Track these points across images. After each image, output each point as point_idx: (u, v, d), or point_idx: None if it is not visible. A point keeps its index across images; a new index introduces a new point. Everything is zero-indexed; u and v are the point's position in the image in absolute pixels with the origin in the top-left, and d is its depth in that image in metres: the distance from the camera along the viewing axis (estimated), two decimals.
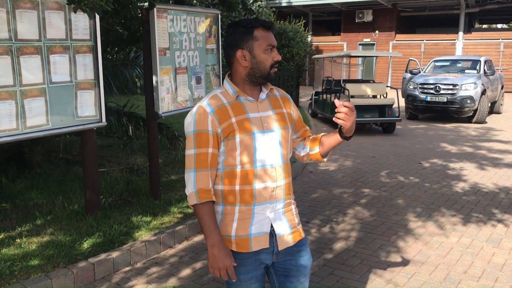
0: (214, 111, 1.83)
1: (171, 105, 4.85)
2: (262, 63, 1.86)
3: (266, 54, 1.86)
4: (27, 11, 3.59)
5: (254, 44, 1.84)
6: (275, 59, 1.87)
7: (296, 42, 21.91)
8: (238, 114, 1.85)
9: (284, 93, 2.08)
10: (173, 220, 4.41)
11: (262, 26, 1.86)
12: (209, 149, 1.83)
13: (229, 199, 1.88)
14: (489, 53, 20.62)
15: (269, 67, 1.87)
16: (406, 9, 24.08)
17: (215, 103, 1.85)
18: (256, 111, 1.89)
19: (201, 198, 1.82)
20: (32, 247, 3.68)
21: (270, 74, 1.89)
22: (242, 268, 1.91)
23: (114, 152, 7.04)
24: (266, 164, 1.86)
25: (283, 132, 1.93)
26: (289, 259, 1.97)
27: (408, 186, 6.05)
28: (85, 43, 4.08)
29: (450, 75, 12.40)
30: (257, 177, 1.85)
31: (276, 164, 1.88)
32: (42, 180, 5.39)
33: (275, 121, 1.91)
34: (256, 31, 1.84)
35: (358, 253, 4.01)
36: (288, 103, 2.05)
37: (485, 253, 4.01)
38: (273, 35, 1.89)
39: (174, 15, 4.76)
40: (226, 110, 1.84)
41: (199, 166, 1.83)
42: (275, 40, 1.90)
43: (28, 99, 3.67)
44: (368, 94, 10.66)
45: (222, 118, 1.82)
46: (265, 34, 1.86)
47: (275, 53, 1.88)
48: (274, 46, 1.88)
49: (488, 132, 10.61)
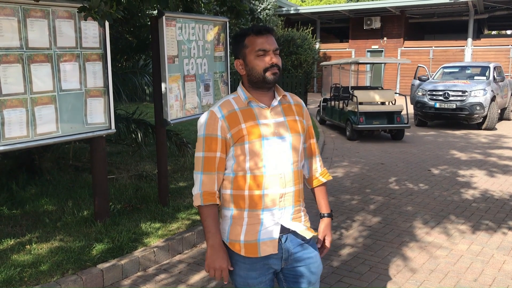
0: (224, 116, 1.87)
1: (180, 112, 4.87)
2: (254, 68, 1.89)
3: (258, 59, 1.87)
4: (38, 20, 3.64)
5: (246, 51, 1.90)
6: (269, 62, 1.87)
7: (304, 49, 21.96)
8: (248, 120, 1.88)
9: (298, 100, 2.08)
10: (182, 226, 4.42)
11: (252, 32, 1.89)
12: (217, 153, 1.88)
13: (238, 203, 1.90)
14: (498, 59, 20.51)
15: (262, 71, 1.87)
16: (414, 15, 24.04)
17: (226, 109, 1.90)
18: (267, 117, 1.90)
19: (205, 201, 1.87)
20: (42, 253, 3.70)
21: (266, 77, 1.88)
22: (251, 272, 1.92)
23: (123, 159, 7.08)
24: (274, 171, 1.87)
25: (294, 139, 1.93)
26: (298, 266, 1.97)
27: (417, 193, 6.01)
28: (94, 51, 4.12)
29: (459, 81, 12.34)
30: (266, 183, 1.86)
31: (286, 171, 1.89)
32: (52, 187, 5.43)
33: (286, 128, 1.92)
34: (247, 39, 1.89)
35: (367, 260, 3.99)
36: (301, 111, 2.04)
37: (496, 261, 3.97)
38: (270, 38, 1.89)
39: (183, 23, 4.80)
40: (236, 116, 1.88)
41: (206, 169, 1.88)
42: (274, 43, 1.89)
43: (39, 107, 3.71)
44: (377, 100, 10.64)
45: (232, 124, 1.86)
46: (256, 39, 1.87)
47: (270, 56, 1.87)
48: (266, 50, 1.87)
49: (498, 139, 10.52)
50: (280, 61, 1.93)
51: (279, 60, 1.91)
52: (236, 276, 1.97)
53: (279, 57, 1.93)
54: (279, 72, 1.91)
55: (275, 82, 1.91)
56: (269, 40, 1.88)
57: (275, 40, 1.92)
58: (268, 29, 1.90)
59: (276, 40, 1.94)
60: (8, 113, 3.52)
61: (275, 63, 1.87)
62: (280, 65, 1.92)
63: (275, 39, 1.94)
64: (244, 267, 1.93)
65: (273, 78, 1.89)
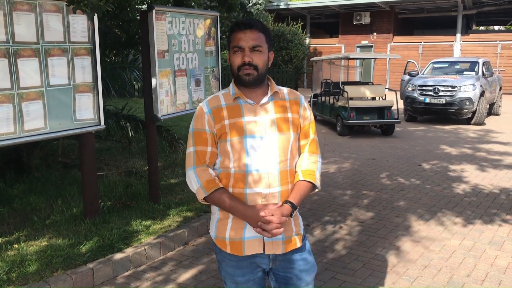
0: (210, 111, 1.84)
1: (170, 108, 4.81)
2: (231, 66, 1.85)
3: (233, 57, 1.82)
4: (24, 13, 3.55)
5: (230, 47, 1.84)
6: (241, 61, 1.78)
7: (294, 45, 21.93)
8: (233, 116, 1.83)
9: (297, 96, 1.95)
10: (173, 224, 4.36)
11: (235, 27, 1.82)
12: (208, 148, 1.85)
13: None
14: (486, 54, 20.64)
15: (236, 69, 1.81)
16: (404, 11, 24.10)
17: (213, 104, 1.86)
18: (254, 114, 1.84)
19: (208, 189, 1.82)
20: (30, 252, 3.63)
21: (240, 77, 1.80)
22: (238, 270, 1.90)
23: (113, 156, 6.99)
24: (258, 169, 1.81)
25: (282, 138, 1.85)
26: (288, 267, 1.91)
27: (408, 188, 6.02)
28: (83, 45, 4.04)
29: (449, 76, 12.39)
30: (248, 182, 1.81)
31: (270, 170, 1.82)
32: (40, 184, 5.34)
33: (274, 126, 1.84)
34: (232, 34, 1.82)
35: (360, 256, 3.98)
36: (297, 108, 1.92)
37: (488, 256, 3.97)
38: (250, 34, 1.77)
39: (173, 17, 4.73)
40: (221, 111, 1.84)
41: (198, 163, 1.85)
42: (252, 39, 1.77)
43: (26, 103, 3.62)
44: (367, 96, 10.64)
45: (217, 119, 1.83)
46: (235, 35, 1.80)
47: (242, 55, 1.78)
48: (241, 47, 1.77)
49: (487, 133, 10.59)
50: (261, 59, 1.79)
51: (258, 58, 1.78)
52: (224, 273, 1.95)
53: (262, 54, 1.79)
54: (256, 71, 1.79)
55: (250, 82, 1.81)
56: (247, 36, 1.77)
57: (259, 36, 1.79)
58: (250, 24, 1.79)
59: (266, 35, 1.83)
60: None
61: (247, 62, 1.77)
62: (260, 63, 1.79)
63: (263, 33, 1.81)
64: (231, 264, 1.90)
65: (246, 78, 1.79)
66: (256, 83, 1.83)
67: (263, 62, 1.82)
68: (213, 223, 1.95)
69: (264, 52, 1.82)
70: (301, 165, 1.94)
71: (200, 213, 4.68)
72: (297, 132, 1.92)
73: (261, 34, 1.81)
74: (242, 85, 1.85)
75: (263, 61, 1.81)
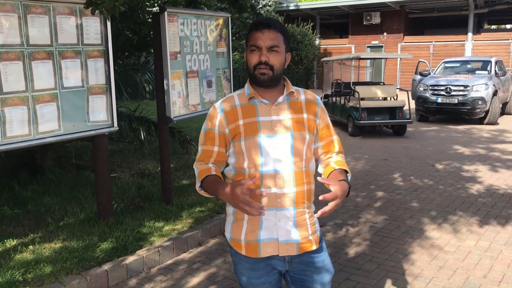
0: (224, 111, 1.85)
1: (183, 109, 4.82)
2: (247, 64, 1.85)
3: (250, 55, 1.81)
4: (38, 16, 3.58)
5: (247, 45, 1.84)
6: (257, 60, 1.77)
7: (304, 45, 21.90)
8: (247, 116, 1.82)
9: (313, 97, 1.94)
10: (186, 225, 4.37)
11: (253, 25, 1.82)
12: (215, 148, 1.87)
13: None
14: (498, 53, 20.41)
15: (252, 68, 1.80)
16: (414, 10, 23.93)
17: (227, 105, 1.87)
18: (269, 114, 1.83)
19: (200, 177, 1.86)
20: (45, 254, 3.65)
21: (256, 76, 1.80)
22: (253, 272, 1.88)
23: (125, 157, 7.02)
24: (272, 170, 1.80)
25: (297, 138, 1.83)
26: (304, 269, 1.89)
27: (422, 189, 5.96)
28: (96, 47, 4.06)
29: (461, 76, 12.27)
30: (263, 182, 1.80)
31: (284, 171, 1.80)
32: (54, 186, 5.38)
33: (289, 126, 1.83)
34: (250, 33, 1.82)
35: (374, 257, 3.95)
36: (314, 108, 1.91)
37: (505, 257, 3.92)
38: (268, 34, 1.76)
39: (185, 19, 4.74)
40: (235, 112, 1.83)
41: (201, 160, 1.91)
42: (270, 39, 1.76)
43: (40, 105, 3.65)
44: (378, 96, 10.58)
45: (230, 119, 1.83)
46: (253, 34, 1.79)
47: (259, 54, 1.77)
48: (258, 46, 1.77)
49: (501, 134, 10.47)
50: (278, 60, 1.78)
51: (274, 58, 1.77)
52: (240, 275, 1.94)
53: (279, 55, 1.79)
54: (272, 71, 1.77)
55: (265, 82, 1.80)
56: (265, 35, 1.76)
57: (277, 36, 1.78)
58: (268, 24, 1.78)
59: (284, 36, 1.81)
60: (9, 112, 3.46)
61: (263, 61, 1.76)
62: (276, 63, 1.78)
63: (281, 34, 1.80)
64: (247, 266, 1.89)
65: (262, 78, 1.78)
66: (271, 83, 1.82)
67: (280, 62, 1.80)
68: (228, 224, 1.94)
69: (281, 53, 1.80)
70: (331, 159, 1.93)
71: (213, 214, 4.68)
72: (313, 133, 1.89)
73: (279, 34, 1.79)
74: (257, 84, 1.84)
75: (279, 62, 1.80)
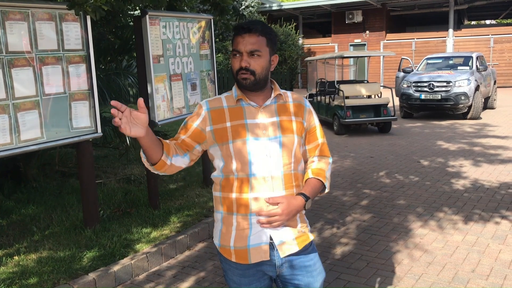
0: (209, 110, 1.82)
1: (167, 113, 4.78)
2: (231, 69, 1.84)
3: (233, 60, 1.80)
4: (17, 22, 3.52)
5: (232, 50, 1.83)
6: (238, 65, 1.76)
7: (288, 45, 21.94)
8: (235, 119, 1.80)
9: (301, 99, 1.93)
10: (174, 230, 4.33)
11: (235, 30, 1.79)
12: (184, 136, 1.83)
13: (227, 207, 1.83)
14: (479, 49, 20.70)
15: (235, 73, 1.79)
16: (395, 8, 24.15)
17: (214, 104, 1.84)
18: (256, 117, 1.81)
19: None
20: (31, 264, 3.58)
21: (238, 80, 1.78)
22: (244, 279, 1.86)
23: (110, 163, 6.95)
24: (261, 173, 1.78)
25: (286, 140, 1.81)
26: (296, 273, 1.86)
27: (408, 186, 6.00)
28: (77, 53, 4.00)
29: (443, 72, 12.40)
30: (252, 186, 1.77)
31: (274, 174, 1.79)
32: (39, 194, 5.30)
33: (277, 129, 1.81)
34: (233, 37, 1.81)
35: (364, 255, 3.95)
36: (302, 111, 1.90)
37: (492, 251, 3.96)
38: (248, 38, 1.74)
39: (167, 22, 4.70)
40: (222, 113, 1.81)
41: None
42: (250, 43, 1.73)
43: (22, 113, 3.59)
44: (363, 94, 10.64)
45: (216, 119, 1.80)
46: (235, 39, 1.78)
47: (240, 59, 1.75)
48: (239, 51, 1.75)
49: (483, 128, 10.60)
50: (260, 64, 1.75)
51: (256, 63, 1.74)
52: (230, 282, 1.91)
53: (261, 59, 1.75)
54: (253, 76, 1.75)
55: (248, 86, 1.78)
56: (245, 40, 1.74)
57: (259, 40, 1.75)
58: (249, 28, 1.74)
59: (267, 38, 1.78)
60: None
61: (243, 67, 1.74)
62: (257, 68, 1.75)
63: (264, 37, 1.76)
64: (237, 273, 1.86)
65: (244, 82, 1.77)
66: (253, 87, 1.80)
67: (262, 66, 1.77)
68: (216, 231, 1.91)
69: (264, 56, 1.77)
70: (311, 166, 1.93)
71: (201, 217, 4.65)
72: (301, 135, 1.88)
73: (261, 37, 1.76)
74: (242, 88, 1.83)
75: (261, 66, 1.77)
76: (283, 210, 1.74)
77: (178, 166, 1.80)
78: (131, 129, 1.59)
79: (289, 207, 1.75)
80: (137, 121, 1.60)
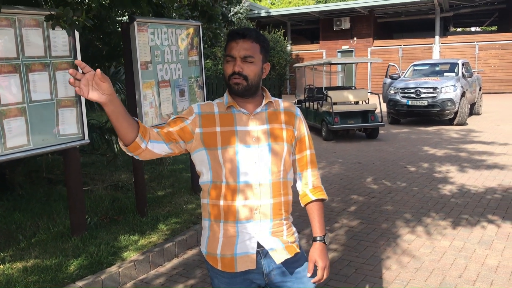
0: (200, 113, 1.82)
1: (155, 119, 4.76)
2: (224, 74, 1.84)
3: (226, 65, 1.80)
4: (3, 29, 3.49)
5: (225, 55, 1.83)
6: (231, 70, 1.76)
7: (276, 52, 22.02)
8: (225, 125, 1.79)
9: (292, 108, 1.92)
10: (162, 237, 4.30)
11: (229, 36, 1.81)
12: (172, 128, 1.78)
13: (214, 214, 1.82)
14: (465, 55, 20.99)
15: (227, 78, 1.79)
16: (383, 15, 24.42)
17: (205, 109, 1.84)
18: (247, 124, 1.81)
19: None
20: (16, 273, 3.53)
21: (230, 85, 1.79)
22: (231, 287, 1.84)
23: (98, 170, 6.90)
24: (250, 181, 1.77)
25: (275, 148, 1.81)
26: (285, 280, 1.86)
27: (396, 191, 6.05)
28: (64, 59, 3.98)
29: (430, 78, 12.55)
30: (240, 193, 1.77)
31: (262, 181, 1.78)
32: (25, 202, 5.23)
33: (267, 136, 1.81)
34: (226, 43, 1.81)
35: (352, 262, 3.97)
36: (292, 119, 1.89)
37: (478, 256, 3.99)
38: (242, 44, 1.75)
39: (155, 28, 4.69)
40: (213, 118, 1.81)
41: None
42: (244, 49, 1.75)
43: (8, 119, 3.55)
44: (350, 100, 10.71)
45: (206, 123, 1.80)
46: (229, 44, 1.79)
47: (233, 64, 1.76)
48: (233, 56, 1.76)
49: (469, 133, 10.73)
50: (253, 70, 1.77)
51: (249, 69, 1.75)
52: None
53: (254, 65, 1.77)
54: (246, 81, 1.76)
55: (240, 92, 1.78)
56: (239, 46, 1.75)
57: (252, 46, 1.76)
58: (243, 34, 1.76)
59: (261, 46, 1.79)
60: None
61: (236, 71, 1.75)
62: (250, 74, 1.76)
63: (258, 44, 1.78)
64: (223, 281, 1.85)
65: (236, 87, 1.77)
66: (245, 93, 1.80)
67: (255, 73, 1.78)
68: (204, 238, 1.89)
69: (256, 63, 1.78)
70: (308, 183, 1.94)
71: (189, 224, 4.63)
72: (291, 144, 1.87)
73: (255, 44, 1.77)
74: (233, 94, 1.83)
75: (254, 72, 1.78)
76: (322, 268, 1.87)
77: (157, 153, 1.75)
78: (89, 92, 1.52)
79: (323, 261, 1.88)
80: (98, 88, 1.52)
